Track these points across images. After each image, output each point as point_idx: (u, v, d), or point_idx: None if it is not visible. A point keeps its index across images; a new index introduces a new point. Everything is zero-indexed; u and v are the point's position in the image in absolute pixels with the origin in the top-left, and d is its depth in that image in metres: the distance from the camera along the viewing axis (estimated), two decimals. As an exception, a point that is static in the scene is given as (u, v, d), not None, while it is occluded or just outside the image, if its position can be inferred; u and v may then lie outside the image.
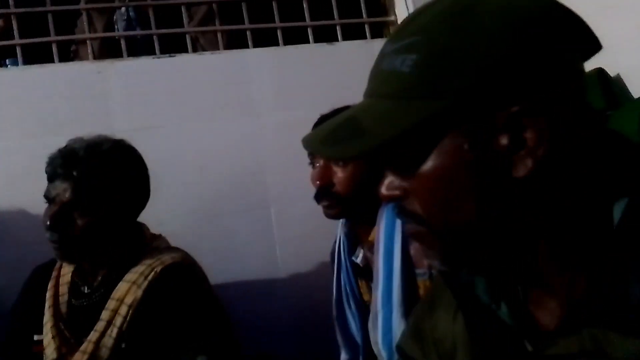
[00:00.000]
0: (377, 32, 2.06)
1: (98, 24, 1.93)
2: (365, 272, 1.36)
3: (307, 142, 0.57)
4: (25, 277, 1.33)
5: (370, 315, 1.23)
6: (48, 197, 1.17)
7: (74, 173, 1.14)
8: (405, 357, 0.73)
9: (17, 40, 1.69)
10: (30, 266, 1.34)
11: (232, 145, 1.79)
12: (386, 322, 1.16)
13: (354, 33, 2.02)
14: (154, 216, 1.33)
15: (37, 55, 1.71)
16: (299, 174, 1.53)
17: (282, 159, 1.79)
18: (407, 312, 1.12)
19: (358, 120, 0.53)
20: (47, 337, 1.17)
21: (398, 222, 1.20)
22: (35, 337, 1.19)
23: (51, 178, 1.17)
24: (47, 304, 1.21)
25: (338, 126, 0.55)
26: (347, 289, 1.41)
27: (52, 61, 1.70)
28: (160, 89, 1.74)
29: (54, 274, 1.26)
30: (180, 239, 1.36)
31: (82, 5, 1.83)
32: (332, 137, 0.55)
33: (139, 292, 1.16)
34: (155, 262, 1.20)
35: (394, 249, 1.19)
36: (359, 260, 1.36)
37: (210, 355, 1.13)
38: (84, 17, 1.80)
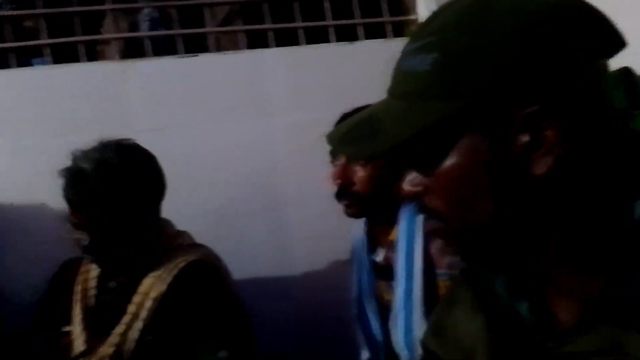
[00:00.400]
0: (399, 31, 2.04)
1: (122, 25, 1.96)
2: (385, 272, 1.36)
3: (330, 139, 0.58)
4: (46, 274, 1.35)
5: (391, 314, 1.23)
6: (74, 223, 1.18)
7: (92, 203, 1.14)
8: (428, 352, 0.74)
9: (44, 40, 1.72)
10: (52, 264, 1.36)
11: (247, 146, 1.76)
12: (407, 322, 1.17)
13: (376, 32, 2.01)
14: (168, 216, 1.33)
15: (65, 55, 1.74)
16: (313, 176, 1.52)
17: (296, 160, 1.77)
18: (427, 312, 1.12)
19: (376, 119, 0.54)
20: (77, 330, 1.21)
21: (419, 223, 1.20)
22: (65, 329, 1.23)
23: (69, 204, 1.17)
24: (76, 297, 1.25)
25: (357, 125, 0.56)
26: (367, 287, 1.41)
27: (79, 61, 1.72)
28: (179, 89, 1.72)
29: (83, 268, 1.29)
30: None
31: (107, 5, 1.87)
32: (350, 135, 0.55)
33: (164, 286, 1.19)
34: (180, 258, 1.23)
35: (414, 249, 1.19)
36: (379, 259, 1.36)
37: (232, 350, 1.15)
38: (109, 17, 1.83)
